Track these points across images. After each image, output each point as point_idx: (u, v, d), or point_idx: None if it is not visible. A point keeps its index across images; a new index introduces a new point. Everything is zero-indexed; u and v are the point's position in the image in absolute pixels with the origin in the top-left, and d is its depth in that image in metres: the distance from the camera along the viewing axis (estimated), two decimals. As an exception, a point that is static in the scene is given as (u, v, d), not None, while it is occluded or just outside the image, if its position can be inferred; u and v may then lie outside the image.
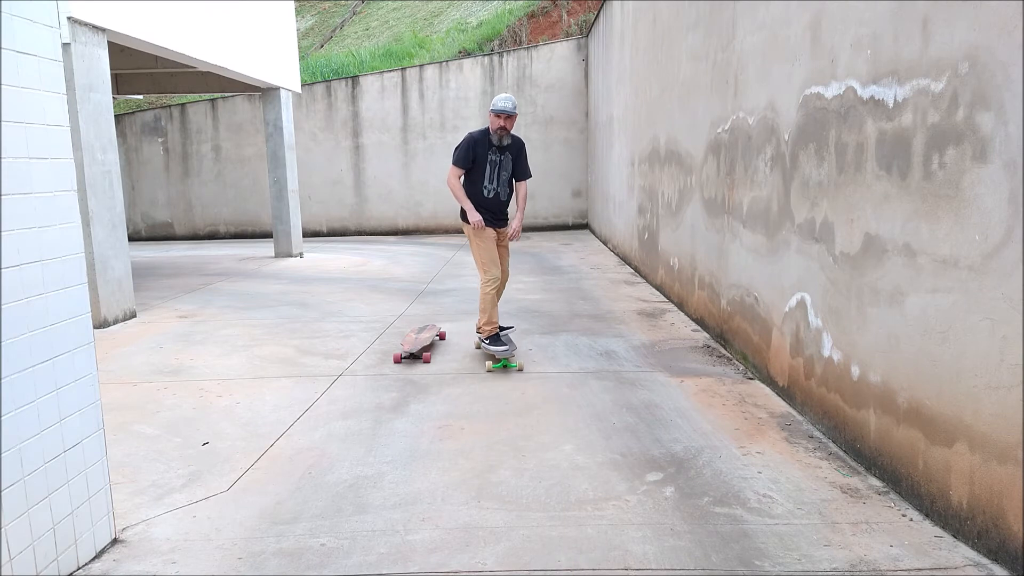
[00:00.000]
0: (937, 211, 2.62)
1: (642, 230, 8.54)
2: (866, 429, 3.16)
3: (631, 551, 2.53)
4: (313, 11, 25.41)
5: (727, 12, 5.00)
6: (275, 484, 3.15)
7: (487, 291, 4.96)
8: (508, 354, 4.82)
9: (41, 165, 2.32)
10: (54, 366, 2.36)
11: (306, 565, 2.49)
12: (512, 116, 4.90)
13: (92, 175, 6.35)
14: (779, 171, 4.13)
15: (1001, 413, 2.32)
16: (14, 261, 2.20)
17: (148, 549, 2.62)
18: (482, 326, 5.01)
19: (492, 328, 4.96)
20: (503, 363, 4.81)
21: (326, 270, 10.08)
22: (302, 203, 14.78)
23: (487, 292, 4.96)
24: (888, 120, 2.94)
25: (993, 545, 2.39)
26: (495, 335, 4.94)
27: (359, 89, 14.76)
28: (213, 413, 4.11)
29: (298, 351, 5.48)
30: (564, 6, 16.43)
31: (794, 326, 3.93)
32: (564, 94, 14.52)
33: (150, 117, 15.31)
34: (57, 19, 2.41)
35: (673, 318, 6.36)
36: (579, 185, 14.83)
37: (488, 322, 4.96)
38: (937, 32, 2.61)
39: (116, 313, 6.65)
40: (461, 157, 4.94)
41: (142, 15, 6.99)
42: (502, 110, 4.83)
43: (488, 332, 4.97)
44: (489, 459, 3.35)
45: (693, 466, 3.24)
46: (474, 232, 4.96)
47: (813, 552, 2.51)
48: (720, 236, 5.34)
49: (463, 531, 2.70)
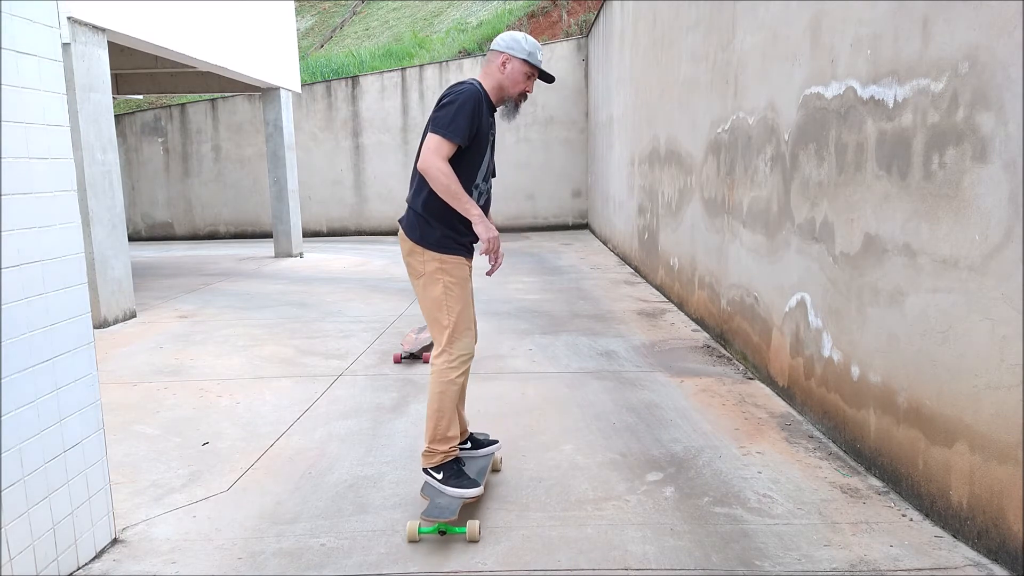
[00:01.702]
0: (937, 211, 2.62)
1: (642, 230, 8.54)
2: (866, 429, 3.16)
3: (631, 551, 2.53)
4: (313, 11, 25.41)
5: (727, 12, 5.00)
6: (275, 484, 3.15)
7: (452, 379, 2.79)
8: (450, 514, 2.60)
9: (41, 165, 2.32)
10: (54, 366, 2.36)
11: (306, 565, 2.49)
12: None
13: (92, 175, 6.35)
14: (779, 171, 4.13)
15: (1001, 413, 2.32)
16: (14, 261, 2.20)
17: (148, 549, 2.62)
18: (433, 443, 2.80)
19: (451, 449, 2.81)
20: (441, 528, 2.65)
21: (326, 270, 10.08)
22: (302, 203, 14.78)
23: (452, 381, 2.79)
24: (888, 120, 2.94)
25: (993, 545, 2.39)
26: (453, 463, 2.81)
27: (359, 89, 14.76)
28: (213, 413, 4.11)
29: (298, 351, 5.48)
30: (564, 6, 16.44)
31: (794, 326, 3.93)
32: (564, 94, 14.51)
33: (150, 117, 15.31)
34: (57, 19, 2.41)
35: (673, 318, 6.36)
36: (579, 185, 14.82)
37: (443, 437, 2.79)
38: (937, 32, 2.61)
39: (116, 313, 6.65)
40: (464, 126, 2.68)
41: (142, 15, 6.99)
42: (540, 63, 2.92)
43: (443, 455, 2.80)
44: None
45: (693, 466, 3.24)
46: (450, 269, 2.78)
47: (813, 552, 2.51)
48: (720, 236, 5.34)
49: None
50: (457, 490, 2.73)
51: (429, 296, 2.81)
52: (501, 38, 2.91)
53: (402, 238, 2.89)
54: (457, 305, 2.80)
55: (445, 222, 2.80)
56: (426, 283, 2.81)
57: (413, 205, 2.84)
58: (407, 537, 2.62)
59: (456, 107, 2.69)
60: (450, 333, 2.80)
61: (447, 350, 2.81)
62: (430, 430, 2.81)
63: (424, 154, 2.69)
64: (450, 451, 2.82)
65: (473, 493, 2.74)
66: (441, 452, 2.81)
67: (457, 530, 2.65)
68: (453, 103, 2.70)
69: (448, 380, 2.80)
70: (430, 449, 2.82)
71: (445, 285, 2.79)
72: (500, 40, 2.90)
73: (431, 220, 2.80)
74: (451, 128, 2.68)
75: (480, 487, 2.77)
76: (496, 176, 3.36)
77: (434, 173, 2.67)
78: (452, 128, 2.68)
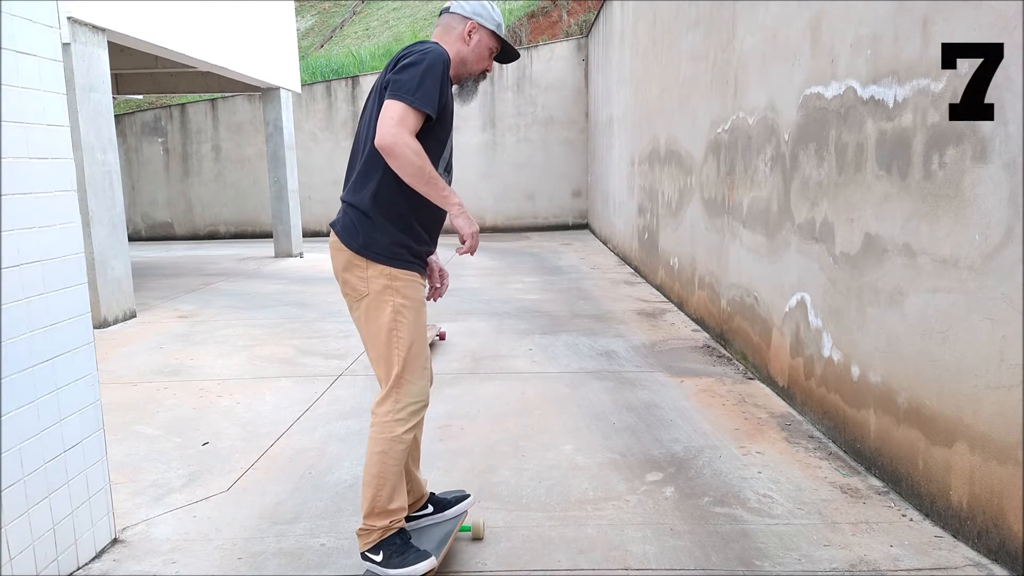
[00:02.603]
0: (937, 211, 2.62)
1: (642, 230, 8.54)
2: (866, 429, 3.16)
3: (631, 551, 2.53)
4: (313, 11, 25.41)
5: (727, 12, 5.00)
6: (275, 484, 3.15)
7: (399, 434, 2.18)
8: None
9: (41, 165, 2.32)
10: (54, 366, 2.36)
11: (306, 565, 2.49)
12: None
13: (92, 175, 6.35)
14: (779, 171, 4.13)
15: (1001, 413, 2.32)
16: (14, 261, 2.20)
17: (148, 549, 2.62)
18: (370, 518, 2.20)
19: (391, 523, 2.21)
20: None
21: (326, 270, 10.08)
22: (302, 203, 14.77)
23: (398, 438, 2.18)
24: (888, 120, 2.94)
25: (993, 545, 2.39)
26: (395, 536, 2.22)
27: (359, 89, 14.76)
28: (213, 413, 4.11)
29: (298, 351, 5.48)
30: (564, 6, 16.43)
31: (794, 326, 3.93)
32: (564, 94, 14.51)
33: (150, 117, 15.31)
34: (57, 19, 2.41)
35: (673, 318, 6.36)
36: (579, 185, 14.82)
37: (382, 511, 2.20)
38: (937, 32, 2.61)
39: (116, 313, 6.65)
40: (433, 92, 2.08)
41: (142, 15, 6.99)
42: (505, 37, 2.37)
43: (382, 531, 2.21)
44: (489, 459, 3.35)
45: (693, 466, 3.24)
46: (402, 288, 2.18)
47: (813, 552, 2.51)
48: (720, 236, 5.34)
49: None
50: (399, 570, 2.12)
51: (374, 324, 2.15)
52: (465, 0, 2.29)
53: (335, 247, 2.20)
54: (408, 336, 2.16)
55: (399, 224, 2.16)
56: (369, 307, 2.16)
57: (353, 200, 2.17)
58: None
59: (423, 69, 2.04)
60: (398, 374, 2.16)
61: (392, 395, 2.17)
62: (367, 500, 2.17)
63: (385, 126, 2.00)
64: (391, 525, 2.19)
65: (421, 569, 2.12)
66: (380, 528, 2.17)
67: None
68: (418, 64, 2.05)
69: (393, 436, 2.15)
70: (366, 526, 2.19)
71: (395, 309, 2.14)
72: (465, 3, 2.28)
73: (380, 220, 2.15)
74: (419, 94, 2.02)
75: (432, 558, 2.16)
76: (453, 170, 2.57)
77: (401, 151, 1.99)
78: (420, 94, 2.03)
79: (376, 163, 2.14)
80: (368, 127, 2.17)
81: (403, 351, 2.16)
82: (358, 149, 2.24)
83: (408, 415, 2.18)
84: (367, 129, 2.18)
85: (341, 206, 2.26)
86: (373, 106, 2.19)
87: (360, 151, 2.22)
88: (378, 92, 2.17)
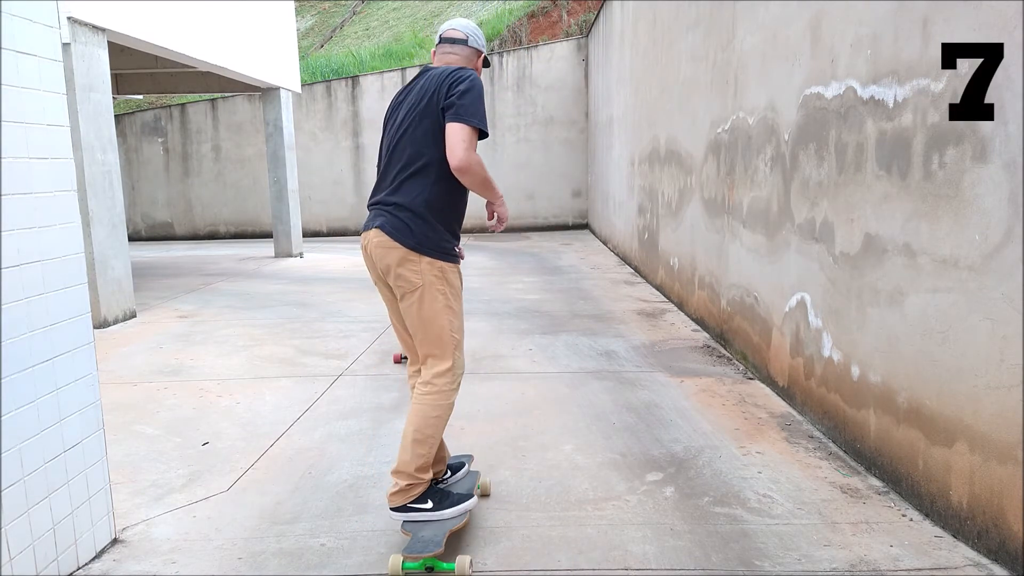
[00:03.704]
0: (937, 211, 2.62)
1: (642, 230, 8.54)
2: (866, 429, 3.16)
3: (631, 551, 2.53)
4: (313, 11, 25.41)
5: (727, 12, 5.00)
6: (275, 484, 3.15)
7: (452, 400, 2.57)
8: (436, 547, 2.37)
9: (41, 165, 2.32)
10: (54, 366, 2.36)
11: (306, 565, 2.49)
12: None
13: (92, 175, 6.35)
14: (779, 171, 4.13)
15: (1001, 413, 2.32)
16: (14, 261, 2.20)
17: (148, 549, 2.62)
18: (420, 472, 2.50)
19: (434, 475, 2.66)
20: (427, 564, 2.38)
21: (326, 270, 10.08)
22: (302, 203, 14.78)
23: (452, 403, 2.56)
24: (888, 120, 2.94)
25: (993, 545, 2.39)
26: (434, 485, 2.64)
27: (359, 89, 14.76)
28: (213, 413, 4.11)
29: (298, 351, 5.48)
30: (564, 6, 16.43)
31: (794, 326, 3.93)
32: (564, 94, 14.51)
33: (150, 117, 15.31)
34: (57, 19, 2.41)
35: (673, 318, 6.36)
36: (579, 185, 14.82)
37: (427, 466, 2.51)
38: (937, 32, 2.61)
39: (116, 313, 6.65)
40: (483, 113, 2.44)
41: (142, 15, 6.99)
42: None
43: (427, 483, 2.53)
44: (489, 459, 3.35)
45: (693, 466, 3.24)
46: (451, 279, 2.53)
47: (813, 552, 2.51)
48: (720, 236, 5.34)
49: (463, 531, 2.70)
50: (458, 507, 2.53)
51: (428, 310, 2.48)
52: (473, 31, 2.70)
53: (386, 245, 2.46)
54: (457, 319, 2.55)
55: (447, 223, 2.51)
56: (423, 296, 2.47)
57: (405, 203, 2.47)
58: (389, 571, 2.35)
59: (476, 95, 2.42)
60: (452, 351, 2.54)
61: (451, 370, 2.54)
62: (420, 458, 2.47)
63: (459, 150, 2.37)
64: (433, 477, 2.60)
65: (472, 503, 2.58)
66: (425, 481, 2.51)
67: (445, 566, 2.39)
68: (471, 91, 2.41)
69: (449, 403, 2.54)
70: (414, 478, 2.48)
71: (445, 296, 2.50)
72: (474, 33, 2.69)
73: (432, 222, 2.46)
74: (478, 116, 2.40)
75: (474, 497, 2.61)
76: None
77: (474, 169, 2.40)
78: (479, 117, 2.40)
79: (428, 172, 2.46)
80: (411, 137, 2.48)
81: (455, 331, 2.55)
82: (397, 156, 2.52)
83: (458, 384, 2.59)
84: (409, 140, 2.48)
85: (381, 208, 2.52)
86: (415, 120, 2.48)
87: (400, 158, 2.50)
88: (419, 108, 2.47)
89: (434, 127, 2.44)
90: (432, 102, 2.45)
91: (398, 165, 2.51)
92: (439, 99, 2.43)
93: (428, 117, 2.45)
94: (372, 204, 2.59)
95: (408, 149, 2.48)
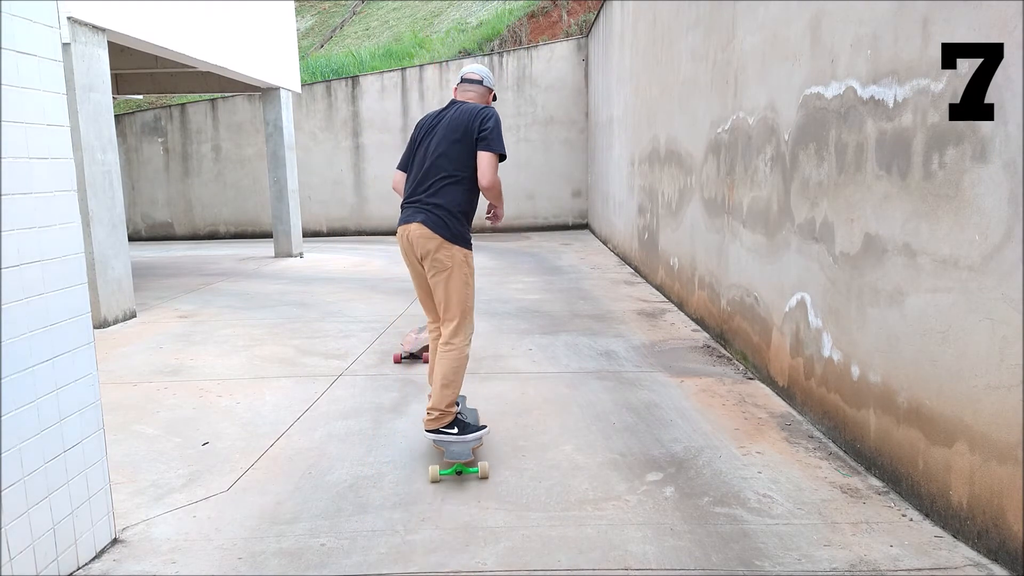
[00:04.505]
0: (937, 211, 2.62)
1: (642, 230, 8.54)
2: (866, 429, 3.16)
3: (631, 551, 2.53)
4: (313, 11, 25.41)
5: (727, 12, 5.00)
6: (275, 484, 3.15)
7: (467, 354, 3.41)
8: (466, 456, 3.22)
9: (41, 165, 2.33)
10: (54, 366, 2.36)
11: (306, 565, 2.49)
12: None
13: (92, 175, 6.35)
14: (779, 171, 4.13)
15: (1001, 413, 2.32)
16: (14, 261, 2.20)
17: (148, 549, 2.62)
18: (449, 406, 3.35)
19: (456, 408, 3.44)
20: (458, 469, 3.17)
21: (326, 270, 10.08)
22: (302, 203, 14.78)
23: (467, 356, 3.41)
24: (888, 120, 2.94)
25: (993, 545, 2.39)
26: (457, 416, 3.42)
27: (359, 89, 14.76)
28: (213, 413, 4.11)
29: (298, 351, 5.48)
30: (564, 6, 16.44)
31: (794, 326, 3.93)
32: (564, 94, 14.51)
33: (150, 117, 15.31)
34: (57, 19, 2.41)
35: (673, 318, 6.36)
36: (579, 185, 14.82)
37: (452, 402, 3.36)
38: (937, 32, 2.61)
39: (116, 313, 6.65)
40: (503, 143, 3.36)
41: (142, 15, 6.99)
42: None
43: (452, 415, 3.36)
44: (489, 459, 3.35)
45: (693, 466, 3.24)
46: (471, 262, 3.39)
47: (813, 552, 2.51)
48: (720, 236, 5.34)
49: (463, 531, 2.70)
50: (476, 433, 3.33)
51: (453, 286, 3.34)
52: (486, 74, 3.58)
53: (426, 236, 3.30)
54: (472, 293, 3.41)
55: (469, 221, 3.39)
56: (452, 275, 3.32)
57: (443, 203, 3.30)
58: (429, 478, 3.12)
59: (498, 128, 3.33)
60: (467, 316, 3.38)
61: (463, 329, 3.37)
62: (447, 398, 3.32)
63: (490, 173, 3.29)
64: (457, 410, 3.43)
65: (485, 431, 3.38)
66: (453, 412, 3.36)
67: (471, 470, 3.16)
68: (496, 127, 3.32)
69: (465, 355, 3.38)
70: (445, 411, 3.32)
71: (466, 275, 3.35)
72: (487, 76, 3.58)
73: (461, 218, 3.33)
74: (501, 146, 3.31)
75: (487, 427, 3.43)
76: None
77: (498, 186, 3.35)
78: (502, 146, 3.32)
79: (461, 183, 3.31)
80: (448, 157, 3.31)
81: (470, 302, 3.38)
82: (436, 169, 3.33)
83: (470, 341, 3.41)
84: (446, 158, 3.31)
85: (421, 205, 3.32)
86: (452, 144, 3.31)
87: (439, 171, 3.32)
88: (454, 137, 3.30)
89: (467, 151, 3.29)
90: (467, 133, 3.29)
91: (437, 175, 3.32)
92: (472, 132, 3.28)
93: (462, 143, 3.29)
94: (411, 202, 3.37)
95: (448, 166, 3.30)
